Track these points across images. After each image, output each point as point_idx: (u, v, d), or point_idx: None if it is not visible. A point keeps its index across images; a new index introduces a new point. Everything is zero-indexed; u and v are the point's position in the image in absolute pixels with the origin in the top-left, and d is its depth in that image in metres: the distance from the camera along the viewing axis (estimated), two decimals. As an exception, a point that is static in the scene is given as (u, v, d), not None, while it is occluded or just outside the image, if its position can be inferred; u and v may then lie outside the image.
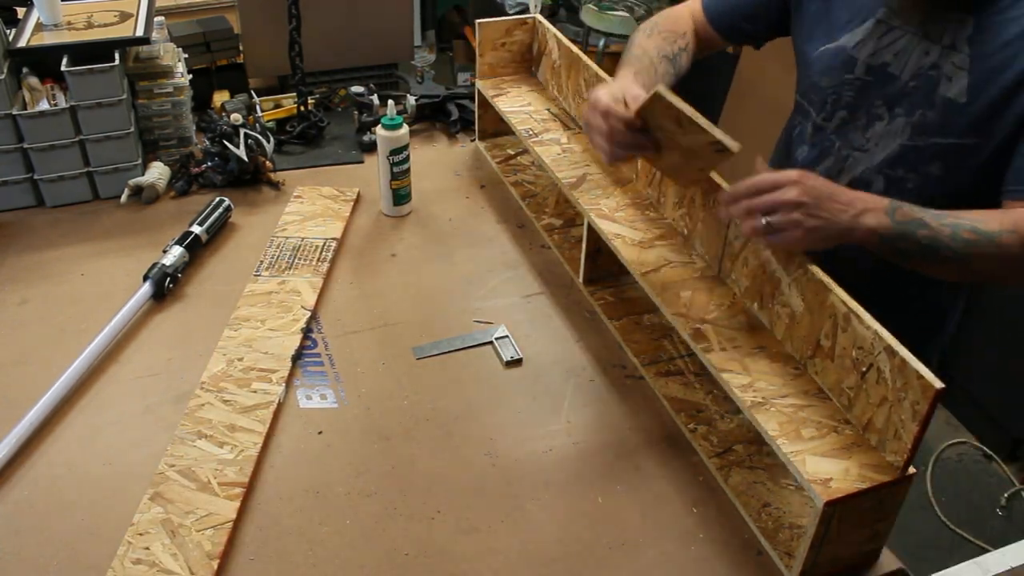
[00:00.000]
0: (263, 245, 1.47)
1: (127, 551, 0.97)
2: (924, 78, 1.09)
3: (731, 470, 1.10)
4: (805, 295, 1.03)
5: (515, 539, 1.02)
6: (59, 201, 1.56)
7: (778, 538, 1.01)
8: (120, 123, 1.53)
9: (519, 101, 1.67)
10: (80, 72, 1.46)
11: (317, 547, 1.00)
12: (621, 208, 1.35)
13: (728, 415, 1.17)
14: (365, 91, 1.79)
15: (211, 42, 1.84)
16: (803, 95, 1.26)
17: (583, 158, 1.48)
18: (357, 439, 1.14)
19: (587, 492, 1.08)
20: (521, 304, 1.39)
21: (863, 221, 0.97)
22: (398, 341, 1.30)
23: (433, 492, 1.07)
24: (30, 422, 1.12)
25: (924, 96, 1.09)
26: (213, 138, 1.59)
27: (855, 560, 0.99)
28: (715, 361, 1.06)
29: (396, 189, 1.55)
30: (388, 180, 1.54)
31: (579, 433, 1.16)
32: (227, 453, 1.09)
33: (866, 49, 1.14)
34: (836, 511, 0.89)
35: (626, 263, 1.24)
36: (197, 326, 1.31)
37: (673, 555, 1.01)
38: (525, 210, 1.60)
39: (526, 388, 1.23)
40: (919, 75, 1.09)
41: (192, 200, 1.59)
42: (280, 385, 1.20)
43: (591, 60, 1.51)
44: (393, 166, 1.52)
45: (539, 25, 1.70)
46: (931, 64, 1.08)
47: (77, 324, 1.30)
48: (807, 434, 0.95)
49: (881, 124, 1.14)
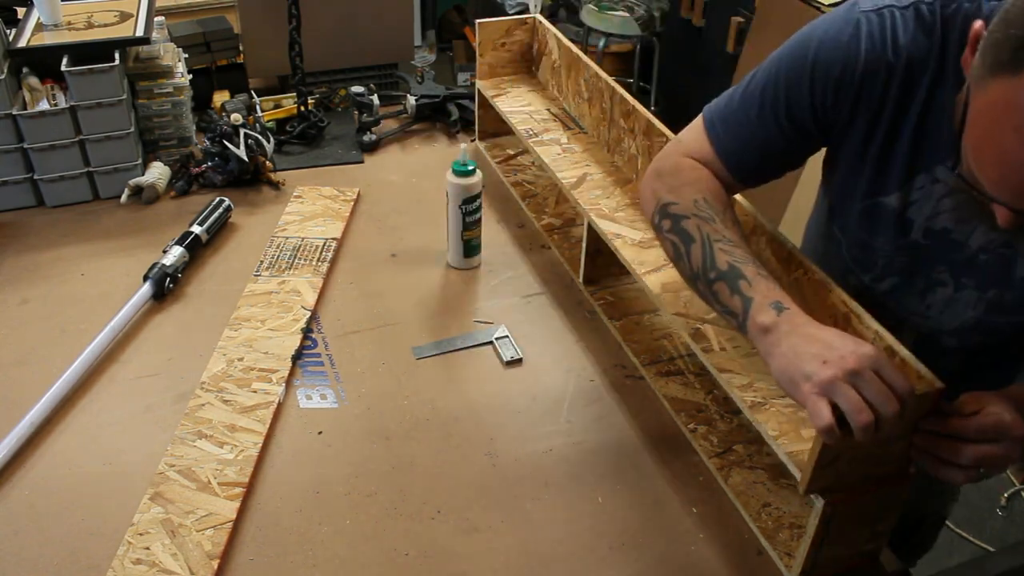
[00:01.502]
0: (263, 245, 1.47)
1: (127, 551, 0.97)
2: (996, 255, 0.94)
3: (731, 470, 1.10)
4: (805, 295, 1.03)
5: (515, 539, 1.02)
6: (59, 201, 1.56)
7: (778, 538, 1.01)
8: (120, 123, 1.53)
9: (519, 101, 1.67)
10: (80, 72, 1.46)
11: (317, 547, 1.00)
12: (621, 208, 1.35)
13: (728, 415, 1.17)
14: (365, 91, 1.79)
15: (211, 42, 1.84)
16: (848, 248, 1.05)
17: (583, 158, 1.48)
18: (357, 439, 1.14)
19: (587, 492, 1.08)
20: (521, 304, 1.39)
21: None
22: (398, 341, 1.30)
23: (433, 492, 1.07)
24: (30, 422, 1.12)
25: (999, 273, 0.94)
26: (213, 138, 1.59)
27: (855, 560, 0.99)
28: (715, 361, 1.06)
29: (468, 240, 1.42)
30: (460, 231, 1.40)
31: (579, 433, 1.16)
32: (227, 453, 1.09)
33: (923, 211, 0.95)
34: (836, 511, 0.89)
35: (626, 263, 1.24)
36: (197, 326, 1.31)
37: (673, 555, 1.01)
38: (525, 210, 1.60)
39: (526, 388, 1.23)
40: (990, 249, 0.94)
41: (192, 200, 1.59)
42: (280, 385, 1.20)
43: (591, 60, 1.51)
44: (466, 216, 1.39)
45: (539, 25, 1.70)
46: (1003, 242, 0.92)
47: (77, 324, 1.30)
48: (807, 434, 0.95)
49: (944, 291, 0.99)
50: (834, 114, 0.95)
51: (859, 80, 0.91)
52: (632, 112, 1.37)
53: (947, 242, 0.96)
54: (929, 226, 0.96)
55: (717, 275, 0.93)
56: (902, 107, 0.91)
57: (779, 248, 1.07)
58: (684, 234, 0.98)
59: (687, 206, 0.99)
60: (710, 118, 1.04)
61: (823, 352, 0.80)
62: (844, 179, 1.01)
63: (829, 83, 0.92)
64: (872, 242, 1.01)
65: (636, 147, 1.38)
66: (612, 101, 1.44)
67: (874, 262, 1.03)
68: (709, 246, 0.95)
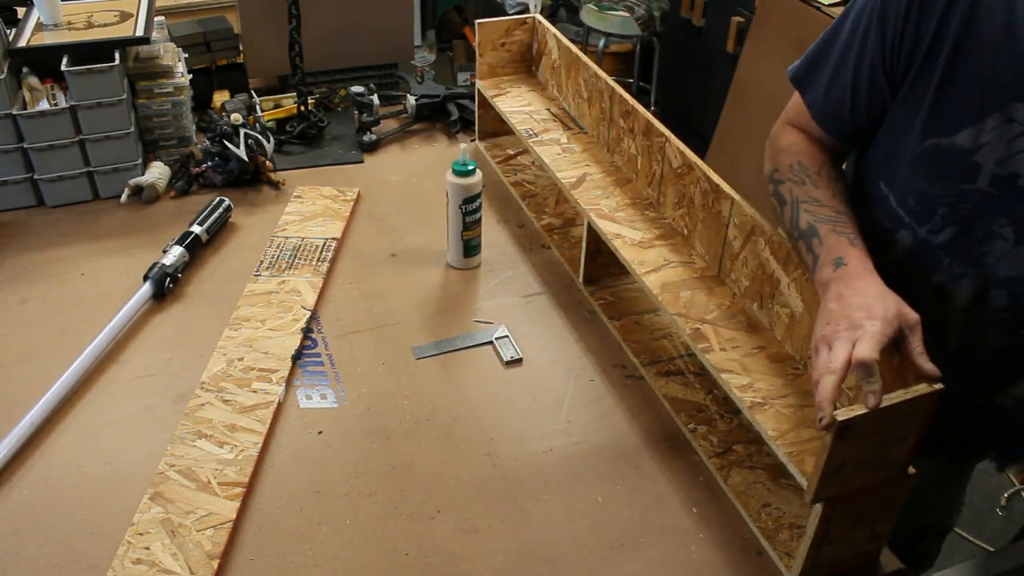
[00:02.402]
0: (263, 245, 1.47)
1: (127, 551, 0.97)
2: None
3: (731, 470, 1.10)
4: (804, 295, 1.03)
5: (515, 539, 1.02)
6: (59, 201, 1.56)
7: (778, 538, 1.01)
8: (120, 123, 1.53)
9: (519, 101, 1.67)
10: (80, 72, 1.46)
11: (317, 547, 1.00)
12: (621, 208, 1.35)
13: (728, 415, 1.17)
14: (365, 91, 1.79)
15: (211, 42, 1.84)
16: (899, 199, 1.01)
17: (583, 158, 1.48)
18: (357, 439, 1.14)
19: (587, 492, 1.08)
20: (521, 304, 1.39)
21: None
22: (398, 341, 1.30)
23: (433, 492, 1.07)
24: (30, 422, 1.12)
25: None
26: (213, 138, 1.59)
27: (855, 560, 0.99)
28: (715, 361, 1.06)
29: (467, 240, 1.42)
30: (459, 231, 1.40)
31: (579, 433, 1.16)
32: (227, 453, 1.09)
33: (993, 155, 0.90)
34: (836, 511, 0.89)
35: (626, 263, 1.24)
36: (197, 326, 1.31)
37: (673, 555, 1.01)
38: (525, 210, 1.60)
39: (526, 388, 1.23)
40: None
41: (192, 200, 1.59)
42: (280, 385, 1.20)
43: (591, 60, 1.51)
44: (465, 216, 1.39)
45: (539, 25, 1.70)
46: None
47: (77, 324, 1.30)
48: (807, 434, 0.95)
49: (1004, 244, 0.95)
50: (926, 37, 0.91)
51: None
52: (632, 112, 1.37)
53: (1015, 190, 0.91)
54: (997, 172, 0.90)
55: (799, 234, 0.99)
56: (974, 29, 0.87)
57: (778, 248, 1.07)
58: (780, 197, 1.05)
59: (784, 171, 1.06)
60: (795, 75, 1.08)
61: (839, 310, 0.86)
62: (896, 121, 0.98)
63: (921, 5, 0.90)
64: (930, 190, 0.96)
65: (636, 147, 1.38)
66: (612, 101, 1.44)
67: (932, 212, 0.98)
68: (796, 207, 1.01)
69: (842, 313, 0.85)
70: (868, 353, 0.80)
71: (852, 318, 0.84)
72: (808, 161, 1.04)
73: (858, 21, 0.97)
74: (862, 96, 1.00)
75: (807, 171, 1.03)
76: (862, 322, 0.83)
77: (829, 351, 0.83)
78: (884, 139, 1.03)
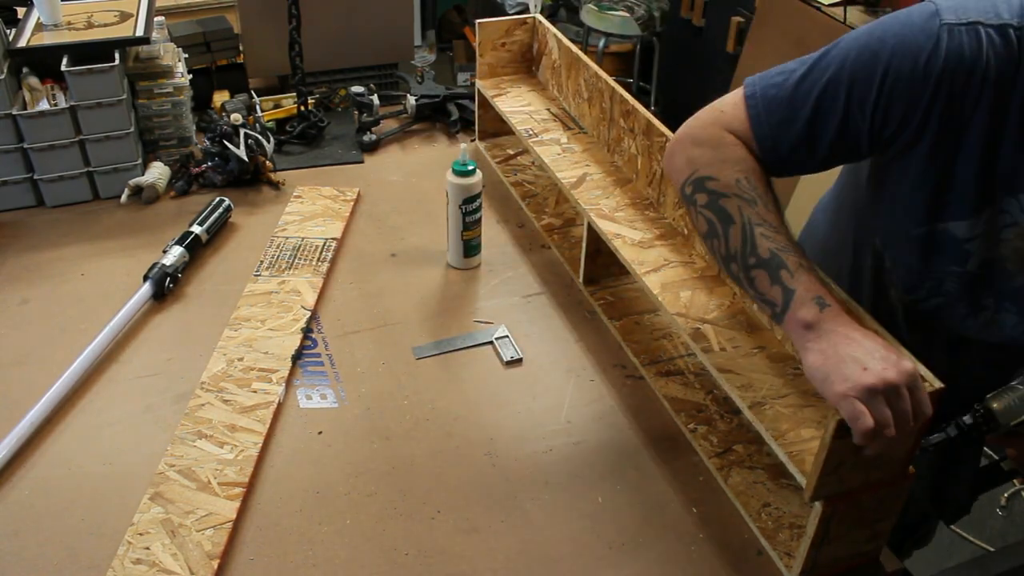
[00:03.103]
0: (263, 245, 1.47)
1: (127, 551, 0.97)
2: None
3: (731, 470, 1.10)
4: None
5: (515, 539, 1.02)
6: (59, 201, 1.56)
7: (778, 538, 1.01)
8: (120, 123, 1.53)
9: (519, 101, 1.67)
10: (80, 72, 1.46)
11: (317, 547, 1.00)
12: (621, 208, 1.35)
13: (728, 415, 1.17)
14: (365, 91, 1.79)
15: (211, 42, 1.84)
16: (893, 267, 1.05)
17: (583, 158, 1.48)
18: (357, 439, 1.14)
19: (587, 492, 1.08)
20: (521, 304, 1.39)
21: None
22: (398, 341, 1.30)
23: (433, 492, 1.07)
24: (30, 422, 1.12)
25: None
26: (213, 138, 1.59)
27: (855, 560, 0.99)
28: (715, 361, 1.06)
29: (468, 240, 1.42)
30: (459, 231, 1.40)
31: (579, 433, 1.16)
32: (227, 453, 1.09)
33: (985, 243, 0.95)
34: (836, 511, 0.89)
35: (626, 263, 1.24)
36: (197, 326, 1.31)
37: (673, 555, 1.01)
38: (525, 210, 1.60)
39: (526, 388, 1.23)
40: None
41: (192, 200, 1.59)
42: (280, 385, 1.20)
43: (591, 60, 1.51)
44: (465, 216, 1.39)
45: (539, 25, 1.70)
46: None
47: (77, 324, 1.30)
48: (807, 434, 0.95)
49: (986, 314, 1.02)
50: (897, 127, 0.90)
51: (932, 91, 0.86)
52: (632, 112, 1.37)
53: (998, 272, 0.95)
54: (985, 256, 0.95)
55: (757, 261, 0.91)
56: (988, 129, 0.87)
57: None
58: (723, 213, 0.94)
59: (728, 184, 0.95)
60: (752, 93, 0.98)
61: (864, 358, 0.80)
62: (901, 197, 0.98)
63: (900, 93, 0.87)
64: (923, 267, 1.00)
65: (636, 147, 1.38)
66: (612, 101, 1.44)
67: (920, 285, 1.03)
68: (750, 230, 0.92)
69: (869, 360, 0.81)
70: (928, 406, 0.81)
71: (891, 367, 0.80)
72: (756, 180, 0.95)
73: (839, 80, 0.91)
74: (819, 153, 0.95)
75: (757, 190, 0.94)
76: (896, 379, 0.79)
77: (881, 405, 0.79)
78: (888, 209, 1.01)
